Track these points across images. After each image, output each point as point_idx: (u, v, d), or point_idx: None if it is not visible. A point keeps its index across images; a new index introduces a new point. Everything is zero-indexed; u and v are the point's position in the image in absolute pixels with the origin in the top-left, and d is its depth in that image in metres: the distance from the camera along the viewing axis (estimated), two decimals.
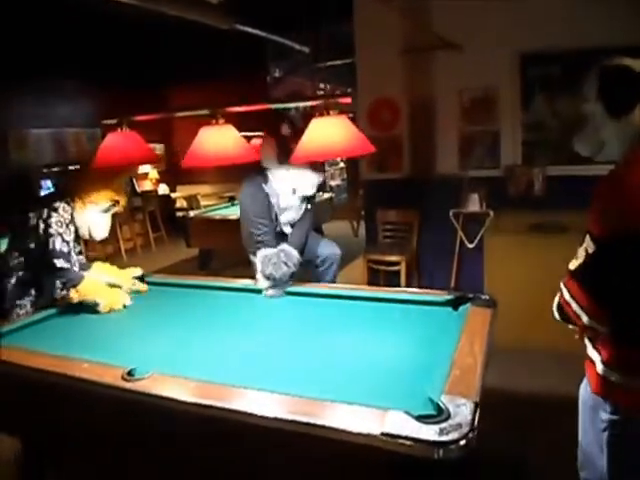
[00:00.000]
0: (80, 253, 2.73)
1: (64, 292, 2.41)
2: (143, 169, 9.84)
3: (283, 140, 2.78)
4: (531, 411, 3.16)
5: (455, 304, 2.18)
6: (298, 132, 2.26)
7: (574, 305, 1.45)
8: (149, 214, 9.06)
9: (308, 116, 2.16)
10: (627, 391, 1.42)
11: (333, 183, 11.62)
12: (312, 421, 1.34)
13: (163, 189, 10.30)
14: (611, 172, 1.43)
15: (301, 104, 2.43)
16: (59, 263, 2.40)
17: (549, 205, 3.91)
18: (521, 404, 3.21)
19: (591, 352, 1.53)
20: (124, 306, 2.48)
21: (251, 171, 2.88)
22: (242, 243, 2.94)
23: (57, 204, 2.46)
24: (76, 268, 2.49)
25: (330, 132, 2.07)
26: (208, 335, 2.12)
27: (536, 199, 4.01)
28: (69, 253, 2.45)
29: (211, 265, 6.43)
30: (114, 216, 2.61)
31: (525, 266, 3.95)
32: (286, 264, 2.63)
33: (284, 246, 2.74)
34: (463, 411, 1.32)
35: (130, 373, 1.70)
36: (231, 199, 7.70)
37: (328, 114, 2.09)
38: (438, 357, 1.67)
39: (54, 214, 2.43)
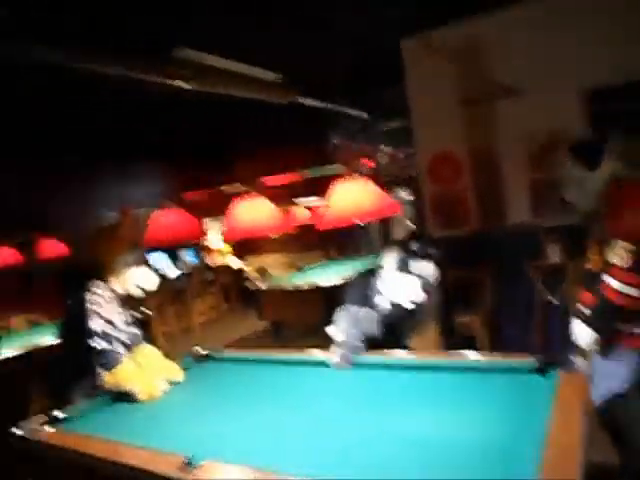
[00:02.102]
0: (134, 324, 2.68)
1: (100, 374, 2.36)
2: (214, 244, 10.12)
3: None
4: None
5: (542, 370, 1.92)
6: None
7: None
8: (222, 286, 9.23)
9: None
10: None
11: None
12: None
13: (237, 263, 10.52)
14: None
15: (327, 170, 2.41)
16: (94, 343, 2.37)
17: None
18: None
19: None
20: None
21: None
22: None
23: (90, 283, 2.49)
24: (121, 349, 2.44)
25: (355, 195, 2.08)
26: (268, 415, 1.97)
27: None
28: (107, 333, 2.41)
29: (283, 334, 6.35)
30: (173, 282, 2.58)
31: None
32: (365, 322, 2.46)
33: (368, 309, 2.57)
34: None
35: (189, 462, 1.58)
36: (300, 268, 7.68)
37: (351, 178, 2.06)
38: (526, 437, 1.43)
39: (88, 293, 2.44)
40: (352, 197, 2.06)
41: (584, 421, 1.48)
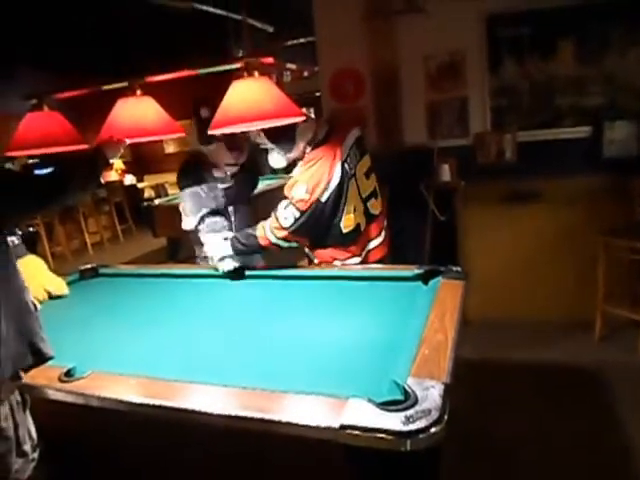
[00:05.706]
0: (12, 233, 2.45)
1: None
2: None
3: (201, 122, 2.66)
4: (508, 383, 3.10)
5: (425, 278, 2.04)
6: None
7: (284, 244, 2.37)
8: (115, 205, 8.77)
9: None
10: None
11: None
12: (264, 416, 1.18)
13: (129, 179, 10.00)
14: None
15: (223, 68, 2.21)
16: None
17: (521, 172, 3.79)
18: (496, 376, 3.15)
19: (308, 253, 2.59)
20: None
21: None
22: None
23: None
24: None
25: (253, 95, 1.85)
26: (156, 326, 1.94)
27: (507, 166, 3.88)
28: None
29: (180, 254, 6.22)
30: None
31: (499, 235, 3.85)
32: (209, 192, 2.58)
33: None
34: (432, 394, 1.17)
35: (68, 373, 1.52)
36: None
37: (250, 76, 1.87)
38: (406, 336, 1.53)
39: None
40: (251, 96, 1.83)
41: (457, 322, 1.60)
